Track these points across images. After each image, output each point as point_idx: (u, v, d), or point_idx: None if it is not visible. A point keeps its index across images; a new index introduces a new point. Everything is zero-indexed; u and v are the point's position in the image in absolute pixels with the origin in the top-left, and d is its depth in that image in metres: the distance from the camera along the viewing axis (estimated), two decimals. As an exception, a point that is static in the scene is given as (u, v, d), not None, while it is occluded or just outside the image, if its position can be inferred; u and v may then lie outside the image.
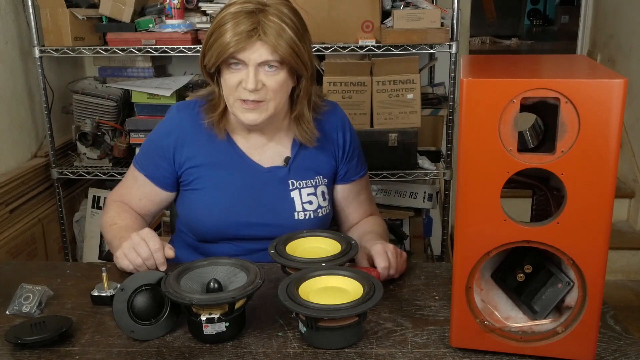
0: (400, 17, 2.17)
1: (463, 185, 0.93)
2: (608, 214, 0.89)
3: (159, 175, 1.43)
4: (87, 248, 2.62)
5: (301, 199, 1.41)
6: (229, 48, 1.25)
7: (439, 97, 2.56)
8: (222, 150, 1.41)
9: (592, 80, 0.86)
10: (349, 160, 1.48)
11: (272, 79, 1.29)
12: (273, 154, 1.43)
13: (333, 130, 1.47)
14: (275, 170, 1.42)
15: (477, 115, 0.89)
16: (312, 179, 1.43)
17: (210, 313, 1.03)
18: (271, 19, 1.25)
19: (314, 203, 1.42)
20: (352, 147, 1.49)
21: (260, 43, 1.26)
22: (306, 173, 1.43)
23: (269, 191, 1.40)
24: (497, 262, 1.02)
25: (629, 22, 3.51)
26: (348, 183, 1.50)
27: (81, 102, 2.50)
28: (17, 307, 1.17)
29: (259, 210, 1.39)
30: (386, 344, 1.05)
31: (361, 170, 1.52)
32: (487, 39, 8.45)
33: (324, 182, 1.45)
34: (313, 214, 1.41)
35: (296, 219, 1.40)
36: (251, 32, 1.25)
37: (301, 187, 1.41)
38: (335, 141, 1.47)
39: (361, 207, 1.53)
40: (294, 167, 1.42)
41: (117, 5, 2.27)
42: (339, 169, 1.48)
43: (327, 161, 1.46)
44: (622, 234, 3.30)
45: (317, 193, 1.43)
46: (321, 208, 1.42)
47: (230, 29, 1.25)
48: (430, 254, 2.75)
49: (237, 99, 1.31)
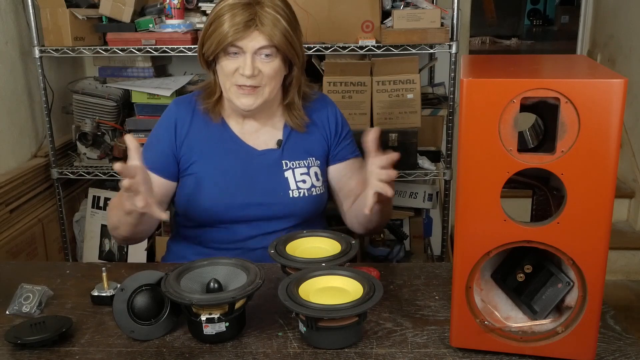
0: (400, 17, 2.17)
1: (463, 185, 0.93)
2: (608, 214, 0.89)
3: (162, 162, 1.46)
4: (87, 248, 2.62)
5: (295, 178, 1.45)
6: (228, 37, 1.33)
7: (439, 97, 2.56)
8: (217, 135, 1.47)
9: (592, 80, 0.86)
10: (341, 141, 1.53)
11: (268, 66, 1.36)
12: (266, 138, 1.48)
13: (323, 115, 1.53)
14: (268, 153, 1.47)
15: (477, 115, 0.89)
16: (304, 160, 1.48)
17: (210, 313, 1.03)
18: (267, 10, 1.34)
19: (307, 182, 1.46)
20: (343, 130, 1.54)
21: (257, 32, 1.33)
22: (299, 154, 1.48)
23: (264, 172, 1.45)
24: (497, 262, 1.02)
25: (629, 22, 3.51)
26: (344, 161, 1.53)
27: (81, 102, 2.50)
28: (17, 307, 1.17)
29: (255, 191, 1.43)
30: (386, 344, 1.05)
31: (356, 151, 1.55)
32: (487, 39, 8.46)
33: (317, 163, 1.49)
34: (307, 192, 1.45)
35: (291, 197, 1.44)
36: (249, 22, 1.33)
37: (294, 167, 1.46)
38: (326, 124, 1.52)
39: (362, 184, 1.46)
40: (287, 148, 1.48)
41: (117, 5, 2.27)
42: (331, 150, 1.53)
43: (319, 143, 1.51)
44: (622, 234, 3.30)
45: (310, 173, 1.47)
46: (315, 187, 1.47)
47: (229, 19, 1.33)
48: (430, 254, 2.75)
49: (234, 84, 1.38)
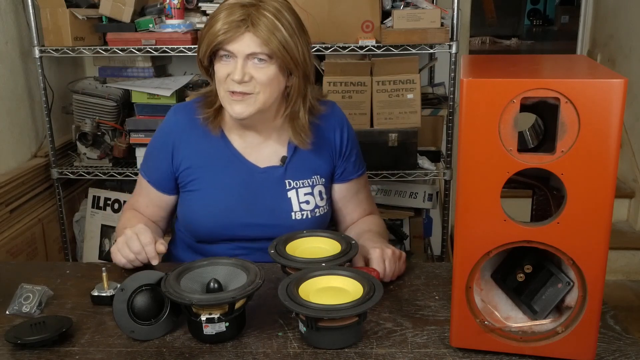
0: (400, 17, 2.17)
1: (463, 185, 0.93)
2: (608, 214, 0.89)
3: (160, 178, 1.44)
4: (87, 248, 2.62)
5: (298, 199, 1.40)
6: (217, 36, 1.27)
7: (439, 97, 2.56)
8: (218, 150, 1.41)
9: (592, 80, 0.86)
10: (346, 159, 1.47)
11: (261, 72, 1.30)
12: (269, 153, 1.42)
13: (330, 131, 1.46)
14: (271, 171, 1.41)
15: (477, 115, 0.89)
16: (309, 179, 1.42)
17: (210, 313, 1.03)
18: (263, 13, 1.27)
19: (311, 203, 1.41)
20: (350, 146, 1.48)
21: (249, 35, 1.27)
22: (303, 173, 1.42)
23: (266, 191, 1.40)
24: (497, 262, 1.02)
25: (629, 22, 3.51)
26: (346, 182, 1.49)
27: (81, 102, 2.50)
28: (17, 307, 1.17)
29: (256, 211, 1.39)
30: (386, 344, 1.05)
31: (359, 169, 1.51)
32: (487, 39, 8.45)
33: (322, 181, 1.44)
34: (310, 214, 1.40)
35: (293, 219, 1.39)
36: (240, 22, 1.27)
37: (298, 187, 1.41)
38: (332, 141, 1.46)
39: (360, 206, 1.52)
40: (291, 166, 1.42)
41: (117, 5, 2.26)
42: (337, 167, 1.47)
43: (325, 160, 1.45)
44: (622, 234, 3.30)
45: (315, 193, 1.42)
46: (318, 208, 1.42)
47: (222, 18, 1.28)
48: (430, 254, 2.75)
49: (227, 90, 1.32)
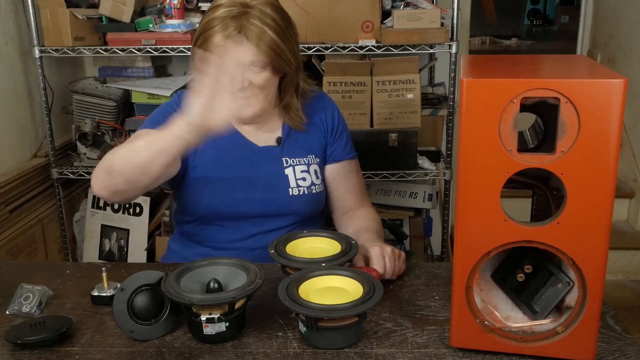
0: (400, 17, 2.17)
1: (463, 185, 0.93)
2: (608, 214, 0.89)
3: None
4: (87, 248, 2.62)
5: (295, 176, 1.46)
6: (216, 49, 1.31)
7: (439, 97, 2.56)
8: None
9: (592, 80, 0.86)
10: (337, 140, 1.53)
11: (258, 77, 1.36)
12: (266, 136, 1.49)
13: (321, 111, 1.53)
14: (268, 149, 1.47)
15: (477, 115, 0.89)
16: (304, 157, 1.48)
17: (210, 313, 1.03)
18: (252, 22, 1.31)
19: (307, 180, 1.46)
20: (340, 128, 1.55)
21: (245, 46, 1.32)
22: (298, 151, 1.48)
23: (264, 168, 1.45)
24: (497, 262, 1.02)
25: (629, 22, 3.51)
26: (337, 162, 1.54)
27: (81, 102, 2.50)
28: (17, 307, 1.17)
29: (255, 187, 1.43)
30: (386, 344, 1.05)
31: (350, 152, 1.56)
32: (487, 39, 8.45)
33: (316, 161, 1.50)
34: (307, 190, 1.45)
35: (291, 194, 1.44)
36: (236, 35, 1.32)
37: (294, 164, 1.47)
38: (324, 120, 1.53)
39: (353, 190, 1.55)
40: (287, 146, 1.48)
41: (117, 5, 2.27)
42: (328, 147, 1.53)
43: (317, 140, 1.52)
44: (622, 234, 3.30)
45: (310, 171, 1.48)
46: (314, 185, 1.47)
47: (219, 31, 1.31)
48: (430, 254, 2.75)
49: None
